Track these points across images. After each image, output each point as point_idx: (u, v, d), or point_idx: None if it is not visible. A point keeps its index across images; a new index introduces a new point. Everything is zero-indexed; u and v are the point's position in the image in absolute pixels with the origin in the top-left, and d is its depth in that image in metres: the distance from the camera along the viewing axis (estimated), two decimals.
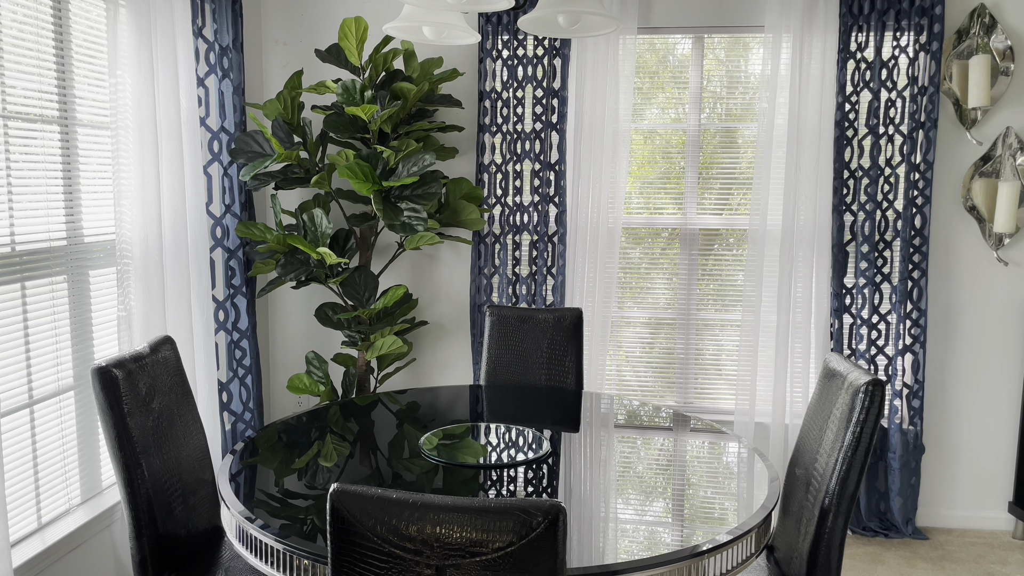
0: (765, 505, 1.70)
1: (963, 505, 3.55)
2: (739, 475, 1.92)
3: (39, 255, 2.38)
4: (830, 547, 1.76)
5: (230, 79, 3.16)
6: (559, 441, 2.08)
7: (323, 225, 3.20)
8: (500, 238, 3.55)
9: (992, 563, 3.21)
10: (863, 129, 3.35)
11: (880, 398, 1.73)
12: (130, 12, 2.58)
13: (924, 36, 3.27)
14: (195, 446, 2.06)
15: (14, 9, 2.26)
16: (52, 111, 2.43)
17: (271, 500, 1.69)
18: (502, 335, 2.81)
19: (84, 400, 2.62)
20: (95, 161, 2.63)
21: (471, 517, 1.17)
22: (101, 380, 1.77)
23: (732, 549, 1.54)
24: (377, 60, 3.23)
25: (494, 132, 3.50)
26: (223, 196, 3.18)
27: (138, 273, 2.65)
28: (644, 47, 3.56)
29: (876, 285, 3.39)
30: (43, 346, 2.42)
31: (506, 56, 3.46)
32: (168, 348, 2.05)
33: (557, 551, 1.17)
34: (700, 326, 3.63)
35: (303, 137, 3.25)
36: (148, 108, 2.65)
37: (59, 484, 2.53)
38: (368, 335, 3.29)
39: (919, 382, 3.39)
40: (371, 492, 1.21)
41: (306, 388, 3.34)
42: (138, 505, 1.81)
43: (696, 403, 3.67)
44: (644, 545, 1.51)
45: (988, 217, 3.39)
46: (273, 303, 3.83)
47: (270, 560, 1.51)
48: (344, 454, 1.95)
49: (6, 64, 2.24)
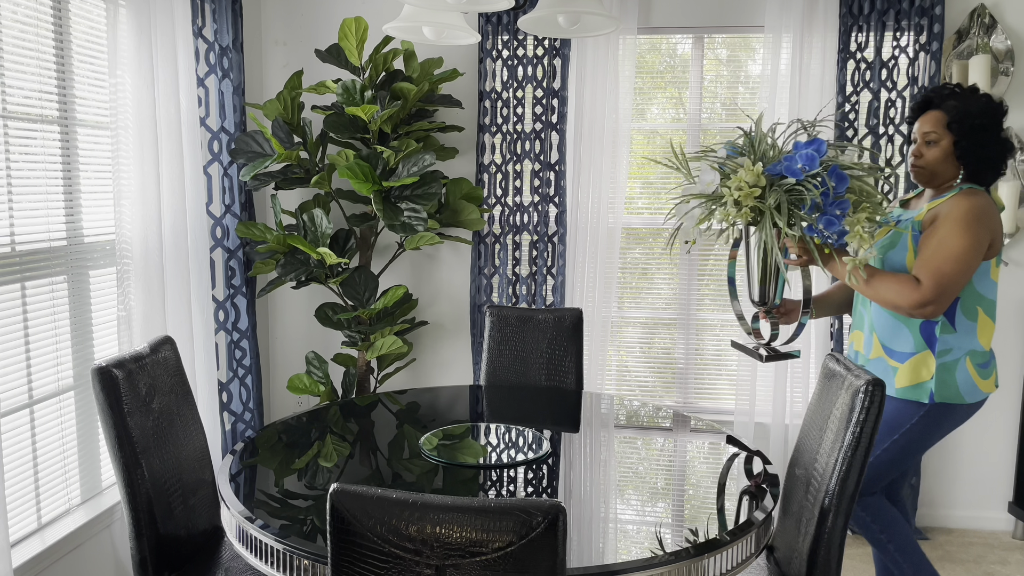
0: (765, 505, 1.70)
1: (963, 505, 3.55)
2: (739, 475, 1.92)
3: (39, 255, 2.38)
4: (830, 547, 1.76)
5: (230, 79, 3.16)
6: (559, 441, 2.08)
7: (323, 225, 3.21)
8: (500, 238, 3.55)
9: (992, 563, 3.21)
10: (863, 129, 3.35)
11: (880, 398, 1.73)
12: (130, 12, 2.58)
13: (924, 36, 3.27)
14: (195, 446, 2.06)
15: (14, 9, 2.26)
16: (52, 111, 2.43)
17: (271, 500, 1.69)
18: (502, 335, 2.81)
19: (84, 400, 2.62)
20: (95, 161, 2.63)
21: (471, 517, 1.17)
22: (101, 380, 1.77)
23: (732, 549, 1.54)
24: (377, 60, 3.23)
25: (494, 132, 3.50)
26: (223, 196, 3.18)
27: (138, 273, 2.65)
28: (644, 47, 3.56)
29: None
30: (43, 346, 2.42)
31: (506, 56, 3.46)
32: (168, 348, 2.05)
33: (557, 551, 1.17)
34: (700, 326, 3.63)
35: (303, 137, 3.25)
36: (148, 108, 2.65)
37: (59, 484, 2.53)
38: (368, 335, 3.29)
39: None
40: (371, 492, 1.21)
41: (306, 388, 3.35)
42: (138, 505, 1.81)
43: (696, 403, 3.67)
44: (644, 545, 1.51)
45: None
46: (273, 303, 3.83)
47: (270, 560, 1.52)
48: (344, 454, 1.96)
49: (6, 64, 2.24)
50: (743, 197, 1.83)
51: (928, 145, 2.17)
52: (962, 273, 2.03)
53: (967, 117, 2.10)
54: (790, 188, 1.83)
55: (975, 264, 2.05)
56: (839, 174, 1.83)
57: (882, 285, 2.05)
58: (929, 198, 2.25)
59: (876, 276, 2.06)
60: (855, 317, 2.34)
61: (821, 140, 1.85)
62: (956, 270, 2.02)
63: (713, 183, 1.92)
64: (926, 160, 2.17)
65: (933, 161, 2.16)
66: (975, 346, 2.15)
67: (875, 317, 2.21)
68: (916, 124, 2.22)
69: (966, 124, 2.11)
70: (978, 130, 2.10)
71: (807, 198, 1.81)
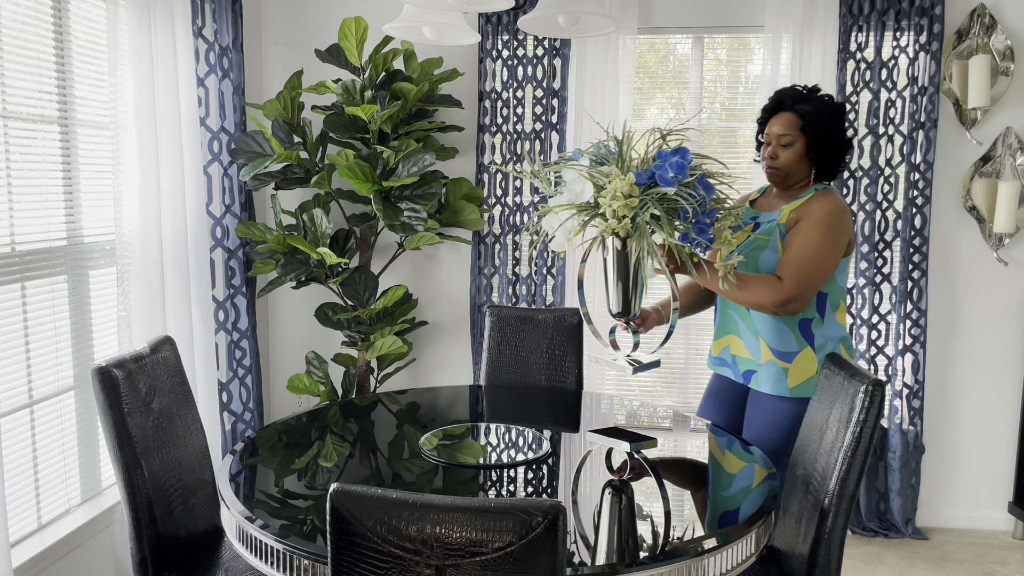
0: (765, 505, 1.70)
1: (963, 505, 3.55)
2: (739, 475, 1.92)
3: (39, 255, 2.38)
4: (830, 547, 1.76)
5: (230, 79, 3.16)
6: (559, 441, 2.08)
7: (323, 225, 3.21)
8: (500, 238, 3.55)
9: (992, 563, 3.21)
10: (863, 129, 3.35)
11: (880, 398, 1.73)
12: (130, 12, 2.58)
13: (924, 36, 3.27)
14: (195, 446, 2.06)
15: (14, 9, 2.26)
16: (52, 111, 2.43)
17: (271, 500, 1.69)
18: (502, 335, 2.81)
19: (84, 400, 2.62)
20: (95, 161, 2.63)
21: (471, 517, 1.17)
22: (101, 380, 1.77)
23: (732, 549, 1.54)
24: (377, 60, 3.23)
25: (494, 132, 3.50)
26: (223, 196, 3.18)
27: (138, 273, 2.65)
28: (644, 47, 3.56)
29: (876, 285, 3.39)
30: (43, 346, 2.42)
31: (506, 56, 3.46)
32: (168, 348, 2.05)
33: (557, 551, 1.17)
34: (700, 326, 3.63)
35: (303, 137, 3.25)
36: (148, 108, 2.65)
37: (59, 484, 2.53)
38: (368, 335, 3.29)
39: (919, 382, 3.39)
40: (371, 492, 1.21)
41: (306, 388, 3.34)
42: (138, 505, 1.81)
43: (696, 403, 3.67)
44: (644, 545, 1.51)
45: (988, 217, 3.38)
46: (273, 303, 3.83)
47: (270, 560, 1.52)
48: (344, 454, 1.96)
49: (6, 64, 2.24)
50: (621, 208, 1.79)
51: (783, 147, 2.24)
52: (823, 271, 2.11)
53: (819, 120, 2.20)
54: (662, 197, 1.82)
55: (835, 262, 2.14)
56: (706, 183, 1.85)
57: (747, 287, 2.09)
58: (781, 197, 2.31)
59: (741, 279, 2.10)
60: (724, 324, 2.35)
61: (685, 149, 1.84)
62: (817, 268, 2.10)
63: (583, 193, 1.86)
64: (782, 162, 2.24)
65: (788, 163, 2.24)
66: (842, 332, 2.25)
67: (758, 322, 2.25)
68: (768, 125, 2.28)
69: (819, 127, 2.20)
70: (829, 132, 2.21)
71: (681, 207, 1.80)
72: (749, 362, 2.28)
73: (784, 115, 2.25)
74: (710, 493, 1.80)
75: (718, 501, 1.75)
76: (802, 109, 2.21)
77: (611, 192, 1.80)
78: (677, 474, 1.90)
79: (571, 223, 1.89)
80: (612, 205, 1.79)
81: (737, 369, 2.31)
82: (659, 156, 1.85)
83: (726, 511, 1.69)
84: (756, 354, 2.26)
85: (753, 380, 2.27)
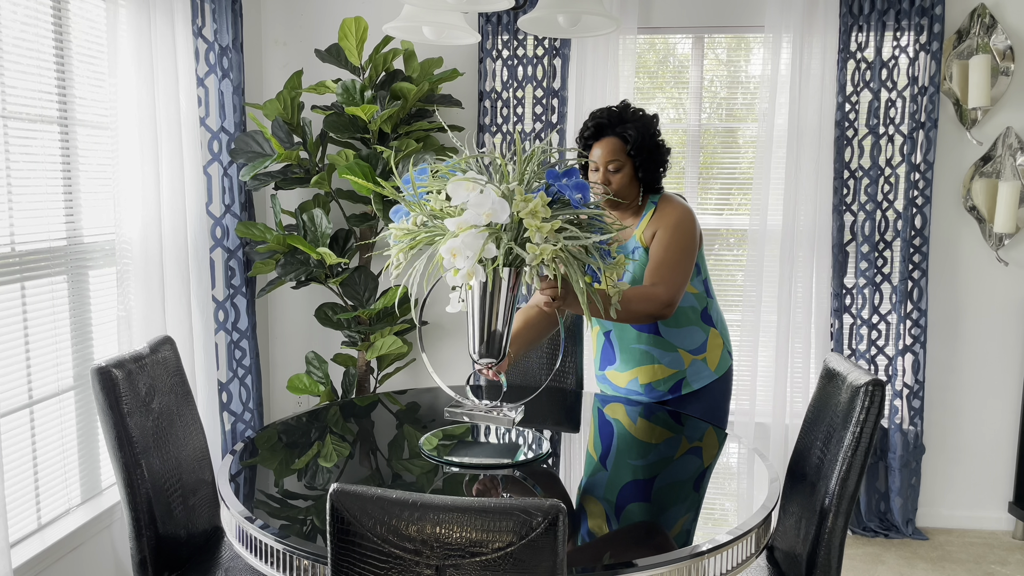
0: (765, 505, 1.70)
1: (963, 505, 3.55)
2: (739, 475, 1.92)
3: (39, 255, 2.38)
4: (830, 547, 1.76)
5: (230, 79, 3.16)
6: (559, 441, 2.08)
7: (323, 225, 3.20)
8: None
9: (992, 563, 3.21)
10: (863, 129, 3.35)
11: (880, 398, 1.73)
12: (130, 12, 2.58)
13: (924, 36, 3.27)
14: (195, 446, 2.06)
15: (14, 9, 2.26)
16: (52, 111, 2.43)
17: (271, 500, 1.69)
18: None
19: (84, 400, 2.62)
20: (95, 161, 2.63)
21: (471, 517, 1.17)
22: (101, 380, 1.77)
23: (732, 549, 1.54)
24: (377, 60, 3.23)
25: (494, 132, 3.50)
26: (223, 196, 3.17)
27: (138, 273, 2.65)
28: (644, 47, 3.56)
29: (876, 285, 3.39)
30: (43, 346, 2.42)
31: (506, 56, 3.46)
32: (168, 348, 2.05)
33: (557, 551, 1.17)
34: None
35: (303, 137, 3.25)
36: (148, 108, 2.65)
37: (59, 484, 2.53)
38: (368, 335, 3.29)
39: (919, 382, 3.39)
40: (371, 492, 1.21)
41: (306, 388, 3.34)
42: (138, 505, 1.81)
43: None
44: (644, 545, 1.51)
45: (988, 217, 3.38)
46: (273, 303, 3.83)
47: (270, 560, 1.51)
48: (344, 454, 1.95)
49: (6, 64, 2.24)
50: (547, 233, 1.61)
51: (613, 173, 2.28)
52: (689, 271, 2.22)
53: (642, 140, 2.24)
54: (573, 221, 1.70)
55: (695, 256, 2.25)
56: (598, 205, 1.83)
57: (630, 305, 2.09)
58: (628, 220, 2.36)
59: (623, 298, 2.09)
60: (627, 359, 2.37)
61: (575, 169, 1.78)
62: (685, 269, 2.21)
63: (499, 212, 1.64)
64: (615, 187, 2.29)
65: (621, 186, 2.29)
66: (718, 305, 2.44)
67: (669, 337, 2.33)
68: (593, 151, 2.29)
69: (644, 148, 2.25)
70: (651, 149, 2.26)
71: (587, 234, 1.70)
72: (673, 376, 2.35)
73: (608, 140, 2.26)
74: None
75: (720, 500, 1.75)
76: (625, 133, 2.24)
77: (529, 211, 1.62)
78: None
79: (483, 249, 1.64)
80: (541, 229, 1.62)
81: (657, 392, 2.37)
82: (549, 176, 1.76)
83: (727, 511, 1.69)
84: (679, 365, 2.34)
85: (684, 386, 2.35)
